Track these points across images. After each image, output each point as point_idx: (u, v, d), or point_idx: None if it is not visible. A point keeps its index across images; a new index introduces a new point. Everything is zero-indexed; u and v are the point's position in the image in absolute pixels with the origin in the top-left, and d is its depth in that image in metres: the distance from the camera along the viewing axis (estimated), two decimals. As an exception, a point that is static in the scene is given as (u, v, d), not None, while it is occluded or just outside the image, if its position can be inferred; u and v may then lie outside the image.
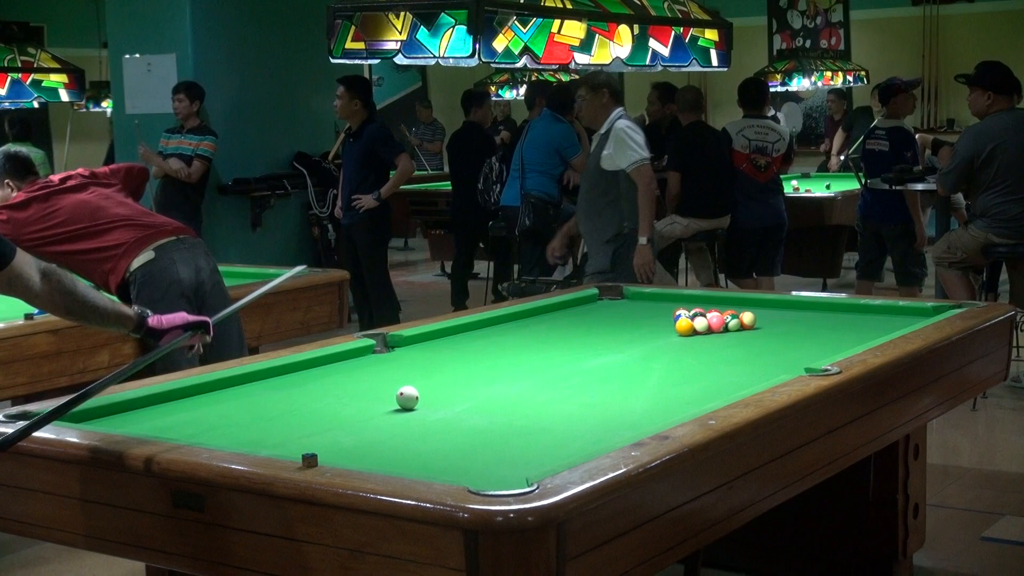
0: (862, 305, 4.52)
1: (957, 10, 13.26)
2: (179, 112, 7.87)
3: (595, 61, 5.07)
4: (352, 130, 7.83)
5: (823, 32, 13.98)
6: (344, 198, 7.91)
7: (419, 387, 3.08)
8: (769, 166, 8.07)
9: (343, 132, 8.17)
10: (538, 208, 8.10)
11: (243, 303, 3.36)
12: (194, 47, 8.14)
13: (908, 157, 7.91)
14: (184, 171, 7.81)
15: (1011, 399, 6.64)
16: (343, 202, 7.93)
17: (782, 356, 3.57)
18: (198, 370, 3.45)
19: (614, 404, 3.15)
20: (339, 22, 4.78)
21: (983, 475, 5.43)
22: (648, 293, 4.85)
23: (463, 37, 4.48)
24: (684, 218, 8.15)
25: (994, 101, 6.75)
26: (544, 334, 4.15)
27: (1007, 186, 6.69)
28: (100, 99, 13.13)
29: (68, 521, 2.67)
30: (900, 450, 3.85)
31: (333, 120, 8.60)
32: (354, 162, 7.82)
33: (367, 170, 7.78)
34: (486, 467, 2.54)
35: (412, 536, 2.19)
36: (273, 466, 2.42)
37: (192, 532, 2.48)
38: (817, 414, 3.02)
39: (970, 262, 6.89)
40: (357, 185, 7.77)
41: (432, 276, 11.89)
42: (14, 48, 10.30)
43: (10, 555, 4.49)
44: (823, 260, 9.71)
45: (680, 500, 2.54)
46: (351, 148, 7.86)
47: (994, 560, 4.43)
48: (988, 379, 4.21)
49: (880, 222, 7.93)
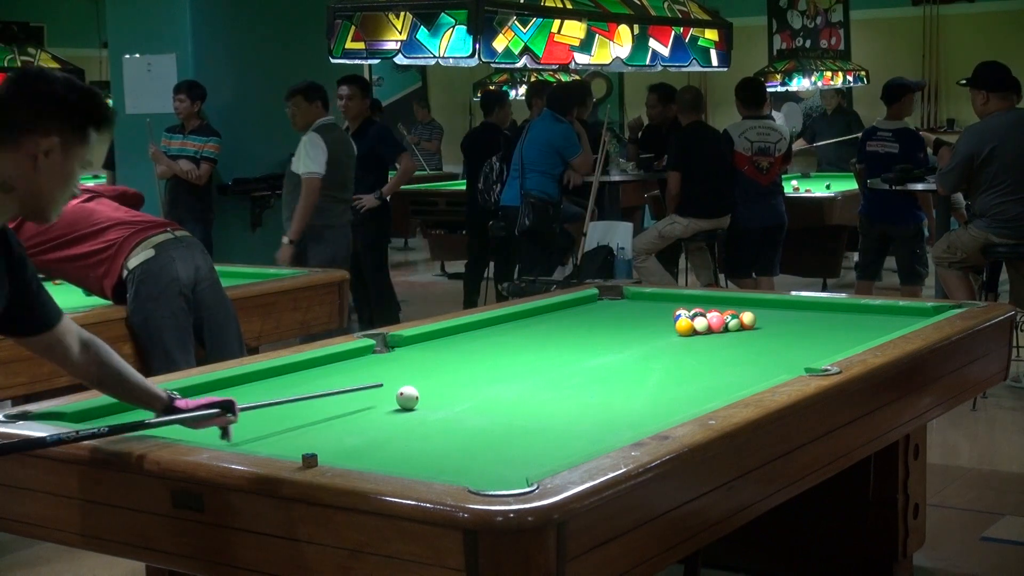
0: (862, 305, 4.52)
1: (957, 10, 13.26)
2: (180, 112, 7.87)
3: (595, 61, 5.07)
4: (351, 131, 7.83)
5: (823, 32, 13.97)
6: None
7: (419, 387, 3.08)
8: (771, 167, 8.08)
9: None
10: (538, 208, 8.11)
11: (293, 400, 3.06)
12: (194, 47, 8.14)
13: (921, 159, 7.91)
14: (194, 172, 7.83)
15: (1011, 399, 6.64)
16: None
17: (782, 356, 3.57)
18: (198, 370, 3.46)
19: (614, 404, 3.15)
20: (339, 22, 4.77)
21: (983, 475, 5.43)
22: (648, 293, 4.86)
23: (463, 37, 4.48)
24: (684, 218, 8.15)
25: (990, 101, 6.75)
26: (544, 334, 4.14)
27: (1007, 186, 6.69)
28: (100, 99, 13.13)
29: (68, 521, 2.67)
30: (900, 450, 3.85)
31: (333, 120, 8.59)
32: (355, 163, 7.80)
33: (367, 170, 7.77)
34: (486, 467, 2.54)
35: (412, 536, 2.19)
36: (273, 466, 2.42)
37: (192, 532, 2.47)
38: (817, 414, 3.02)
39: (970, 262, 6.89)
40: (358, 185, 7.76)
41: (432, 276, 11.89)
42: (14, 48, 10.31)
43: (10, 555, 4.49)
44: (823, 260, 9.71)
45: (680, 500, 2.54)
46: None
47: (994, 560, 4.43)
48: (988, 379, 4.21)
49: (890, 224, 7.90)
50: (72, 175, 2.43)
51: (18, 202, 2.40)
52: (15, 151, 2.35)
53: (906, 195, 7.75)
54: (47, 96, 2.38)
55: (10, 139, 2.34)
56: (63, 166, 2.40)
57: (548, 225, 8.16)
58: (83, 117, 2.41)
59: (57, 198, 2.44)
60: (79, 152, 2.42)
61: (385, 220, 7.98)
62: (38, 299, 2.57)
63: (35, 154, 2.35)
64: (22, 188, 2.38)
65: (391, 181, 7.95)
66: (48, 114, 2.37)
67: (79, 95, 2.41)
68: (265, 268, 6.11)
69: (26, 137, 2.35)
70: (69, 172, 2.42)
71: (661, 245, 8.37)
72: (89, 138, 2.43)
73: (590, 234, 7.78)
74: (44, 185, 2.39)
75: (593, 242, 7.72)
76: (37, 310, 2.57)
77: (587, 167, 8.28)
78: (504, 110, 9.51)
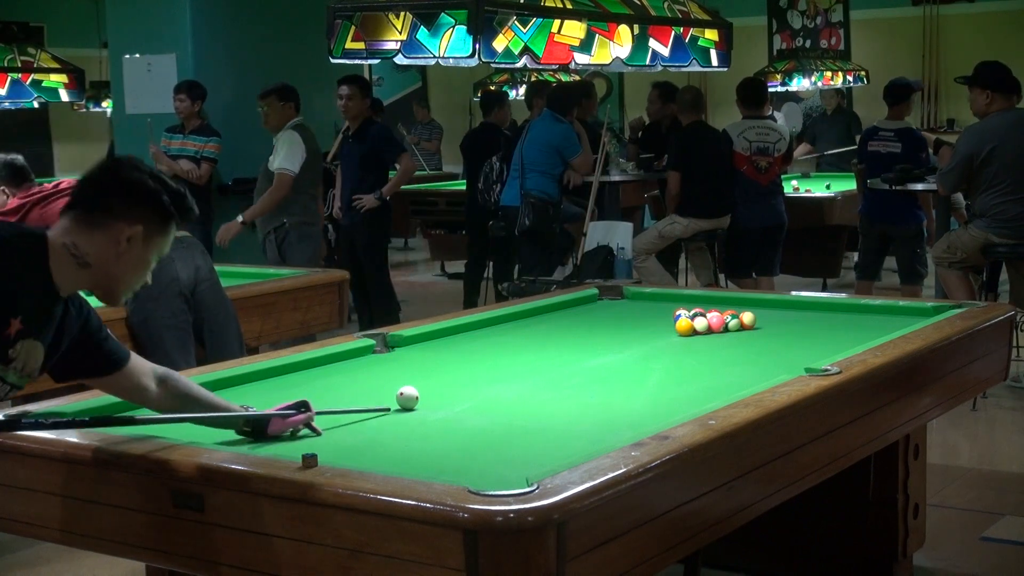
0: (862, 305, 4.52)
1: (957, 10, 13.25)
2: (180, 112, 7.87)
3: (595, 61, 5.07)
4: (351, 131, 7.83)
5: (823, 32, 13.97)
6: (344, 198, 7.90)
7: (419, 387, 3.08)
8: (770, 167, 8.07)
9: (340, 132, 8.14)
10: (538, 208, 8.10)
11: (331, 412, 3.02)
12: (194, 47, 8.14)
13: (924, 159, 7.91)
14: (195, 172, 7.83)
15: (1011, 399, 6.64)
16: (343, 202, 7.92)
17: (782, 356, 3.57)
18: (198, 370, 3.45)
19: (614, 404, 3.15)
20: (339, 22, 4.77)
21: (983, 475, 5.43)
22: (648, 293, 4.86)
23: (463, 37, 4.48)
24: (684, 218, 8.15)
25: (993, 100, 6.75)
26: (544, 334, 4.14)
27: (1007, 186, 6.69)
28: (100, 99, 13.13)
29: (68, 521, 2.67)
30: (900, 450, 3.85)
31: (333, 120, 8.60)
32: (354, 162, 7.81)
33: (367, 170, 7.77)
34: (486, 467, 2.54)
35: (412, 536, 2.19)
36: (273, 466, 2.42)
37: (192, 532, 2.47)
38: (817, 414, 3.02)
39: (970, 262, 6.88)
40: (357, 185, 7.77)
41: (432, 276, 11.89)
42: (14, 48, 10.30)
43: (10, 555, 4.49)
44: (823, 260, 9.71)
45: (680, 500, 2.54)
46: (351, 148, 7.85)
47: (994, 560, 4.43)
48: (988, 379, 4.21)
49: (892, 224, 7.90)
50: (148, 264, 2.55)
51: (92, 279, 2.50)
52: (102, 233, 2.46)
53: (907, 195, 7.75)
54: (140, 187, 2.49)
55: (100, 221, 2.46)
56: (142, 254, 2.51)
57: (548, 225, 8.16)
58: (169, 212, 2.52)
59: (130, 283, 2.55)
60: (159, 242, 2.54)
61: (385, 220, 7.98)
62: (105, 344, 2.64)
63: (119, 240, 2.46)
64: (98, 267, 2.48)
65: (391, 181, 7.96)
66: (139, 204, 2.48)
67: (169, 191, 2.52)
68: (265, 268, 6.11)
69: (114, 222, 2.46)
70: (146, 260, 2.54)
71: (661, 245, 8.37)
72: (170, 232, 2.55)
73: (590, 234, 7.78)
74: (121, 269, 2.50)
75: (593, 242, 7.72)
76: (104, 352, 2.64)
77: (587, 167, 8.28)
78: (503, 110, 9.50)
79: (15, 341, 2.42)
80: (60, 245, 2.45)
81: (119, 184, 2.49)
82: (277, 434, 2.74)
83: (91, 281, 2.50)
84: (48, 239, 2.46)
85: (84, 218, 2.47)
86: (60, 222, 2.49)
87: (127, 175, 2.50)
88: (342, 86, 7.75)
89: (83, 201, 2.50)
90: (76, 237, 2.46)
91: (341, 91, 7.73)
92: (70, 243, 2.45)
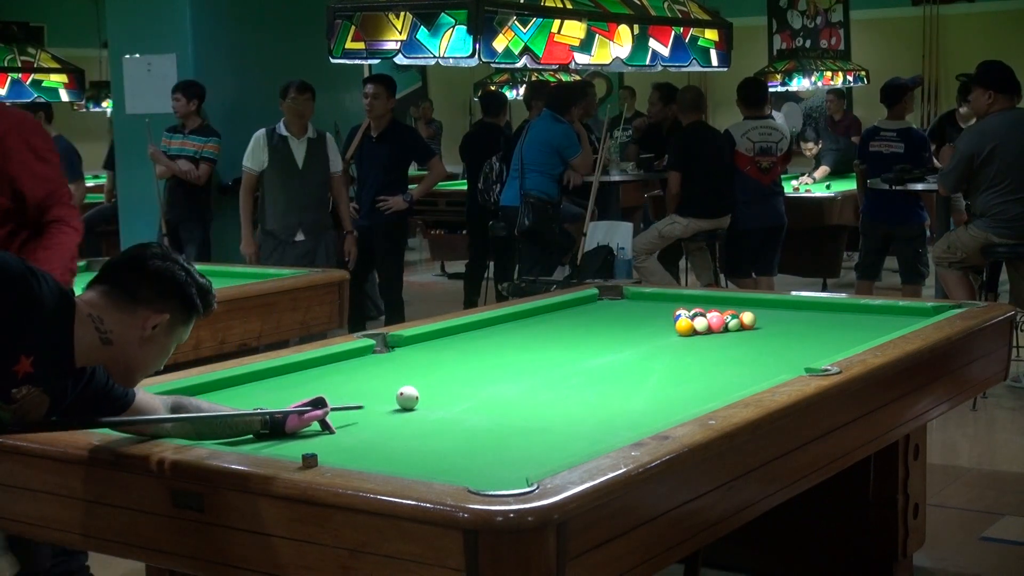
0: (862, 305, 4.52)
1: (957, 10, 13.26)
2: (178, 111, 7.86)
3: (595, 61, 5.06)
4: (375, 131, 7.73)
5: (823, 32, 13.98)
6: (365, 200, 7.80)
7: (419, 387, 3.08)
8: (772, 167, 8.07)
9: (360, 132, 8.02)
10: (538, 208, 8.10)
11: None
12: (194, 47, 8.13)
13: (926, 159, 7.91)
14: (193, 173, 7.81)
15: (1011, 399, 6.65)
16: (363, 204, 7.86)
17: (782, 356, 3.57)
18: (198, 370, 3.45)
19: (614, 404, 3.15)
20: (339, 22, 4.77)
21: (983, 475, 5.43)
22: (648, 293, 4.86)
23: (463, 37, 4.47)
24: (684, 218, 8.15)
25: (995, 100, 6.75)
26: (544, 334, 4.15)
27: (1007, 186, 6.69)
28: (100, 99, 13.13)
29: (68, 521, 2.67)
30: (900, 450, 3.85)
31: (333, 120, 8.58)
32: (379, 164, 7.70)
33: (393, 172, 7.71)
34: (486, 467, 2.54)
35: (412, 536, 2.19)
36: (273, 466, 2.42)
37: (192, 532, 2.48)
38: (817, 414, 3.02)
39: (970, 262, 6.89)
40: (382, 187, 7.70)
41: (432, 276, 11.89)
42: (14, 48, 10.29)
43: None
44: (823, 260, 9.71)
45: (680, 500, 2.54)
46: (375, 149, 7.73)
47: (994, 560, 4.43)
48: (988, 379, 4.22)
49: (895, 224, 7.90)
50: (168, 351, 2.58)
51: (111, 357, 2.51)
52: (129, 316, 2.48)
53: (909, 195, 7.75)
54: (171, 279, 2.52)
55: (129, 306, 2.48)
56: (164, 341, 2.54)
57: (548, 225, 8.16)
58: (195, 305, 2.55)
59: (148, 368, 2.58)
60: (180, 332, 2.57)
61: (406, 223, 7.93)
62: (112, 392, 2.64)
63: (145, 326, 2.48)
64: (119, 347, 2.49)
65: (422, 184, 7.90)
66: (168, 295, 2.51)
67: (197, 286, 2.55)
68: (265, 268, 6.11)
69: (143, 308, 2.49)
70: (166, 348, 2.57)
71: (661, 245, 8.38)
72: (191, 322, 2.58)
73: (590, 234, 7.78)
74: (141, 354, 2.52)
75: (593, 242, 7.72)
76: (110, 399, 2.64)
77: (587, 167, 8.28)
78: (502, 111, 9.50)
79: (22, 383, 2.41)
80: (86, 315, 2.46)
81: (152, 274, 2.51)
82: (295, 431, 2.77)
83: (109, 359, 2.50)
84: (76, 304, 2.47)
85: (112, 296, 2.48)
86: (87, 293, 2.50)
87: (158, 266, 2.52)
88: (368, 85, 7.69)
89: (112, 282, 2.51)
90: (103, 312, 2.47)
91: (367, 90, 7.67)
92: (96, 316, 2.46)
